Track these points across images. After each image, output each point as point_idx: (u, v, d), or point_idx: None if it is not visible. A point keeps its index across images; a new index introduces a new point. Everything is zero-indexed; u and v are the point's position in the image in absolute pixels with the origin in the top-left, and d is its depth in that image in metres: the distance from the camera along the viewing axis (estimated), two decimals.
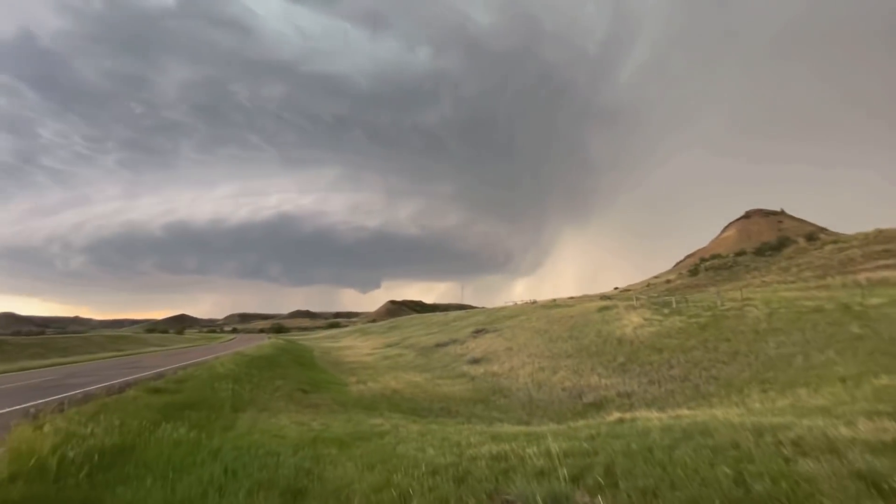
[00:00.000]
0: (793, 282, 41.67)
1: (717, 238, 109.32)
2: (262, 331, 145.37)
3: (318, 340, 75.25)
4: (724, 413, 7.42)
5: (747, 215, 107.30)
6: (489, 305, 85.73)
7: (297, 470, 5.17)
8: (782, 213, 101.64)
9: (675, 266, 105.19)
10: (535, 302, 59.38)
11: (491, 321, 43.28)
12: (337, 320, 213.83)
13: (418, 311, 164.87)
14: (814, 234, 67.38)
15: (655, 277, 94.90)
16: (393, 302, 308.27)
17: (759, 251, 69.38)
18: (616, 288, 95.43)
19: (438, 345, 37.20)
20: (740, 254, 73.78)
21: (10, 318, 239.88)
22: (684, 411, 9.16)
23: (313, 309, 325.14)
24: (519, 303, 63.33)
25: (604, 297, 57.45)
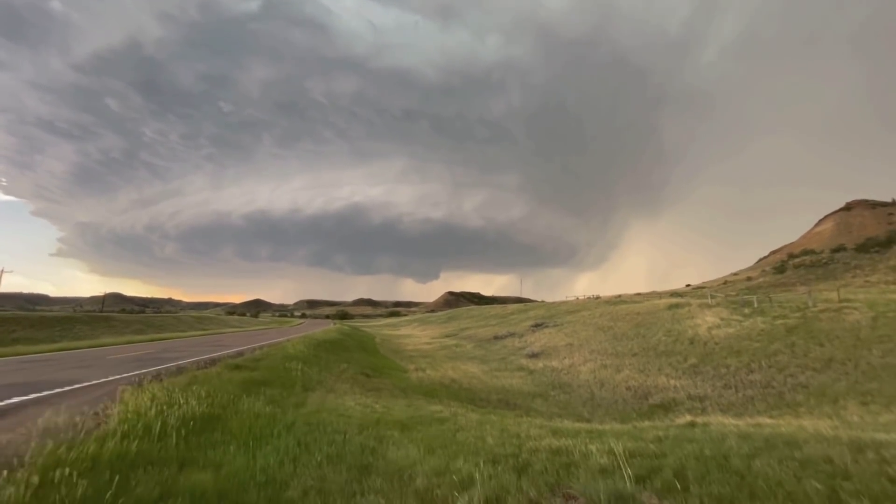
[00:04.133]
0: None
1: (809, 233, 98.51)
2: (327, 316, 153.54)
3: (380, 328, 78.08)
4: (813, 424, 6.74)
5: (848, 207, 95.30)
6: (549, 300, 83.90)
7: (362, 448, 5.44)
8: (894, 203, 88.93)
9: (757, 263, 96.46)
10: (598, 297, 57.15)
11: (551, 315, 42.38)
12: (397, 309, 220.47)
13: (476, 303, 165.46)
14: None
15: (734, 275, 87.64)
16: (451, 293, 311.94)
17: (863, 247, 61.57)
18: (688, 285, 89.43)
19: (496, 337, 37.11)
20: (838, 250, 65.95)
21: (118, 298, 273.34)
22: (765, 419, 8.44)
23: (375, 297, 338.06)
24: (581, 298, 61.34)
25: (674, 294, 54.04)
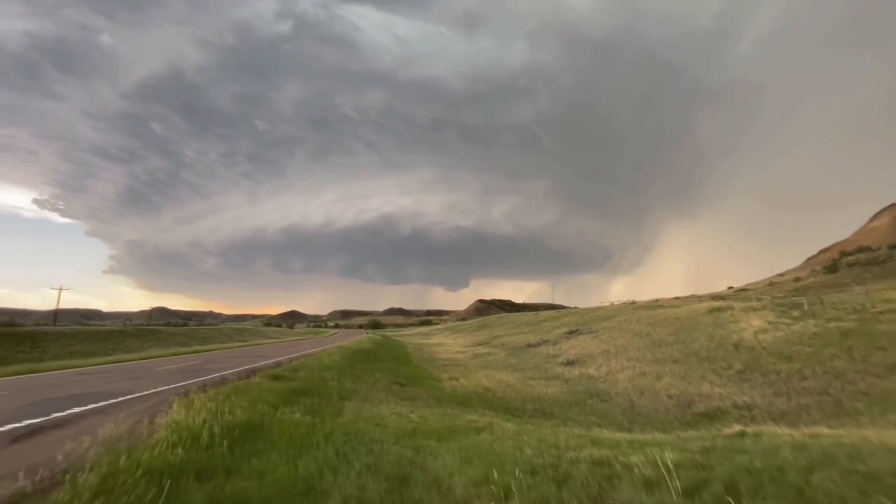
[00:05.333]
0: None
1: (863, 228, 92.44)
2: (360, 326, 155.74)
3: (411, 337, 78.46)
4: (878, 435, 6.26)
5: None
6: (582, 306, 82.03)
7: (399, 458, 5.46)
8: None
9: (805, 262, 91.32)
10: (633, 302, 55.52)
11: (585, 322, 41.44)
12: (428, 318, 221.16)
13: (507, 311, 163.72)
14: None
15: (780, 275, 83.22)
16: (482, 300, 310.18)
17: None
18: (730, 287, 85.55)
19: (529, 345, 36.58)
20: None
21: (163, 312, 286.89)
22: (823, 429, 7.91)
23: (406, 307, 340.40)
24: (616, 303, 59.71)
25: (715, 297, 51.77)
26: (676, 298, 61.98)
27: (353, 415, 8.64)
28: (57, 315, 67.68)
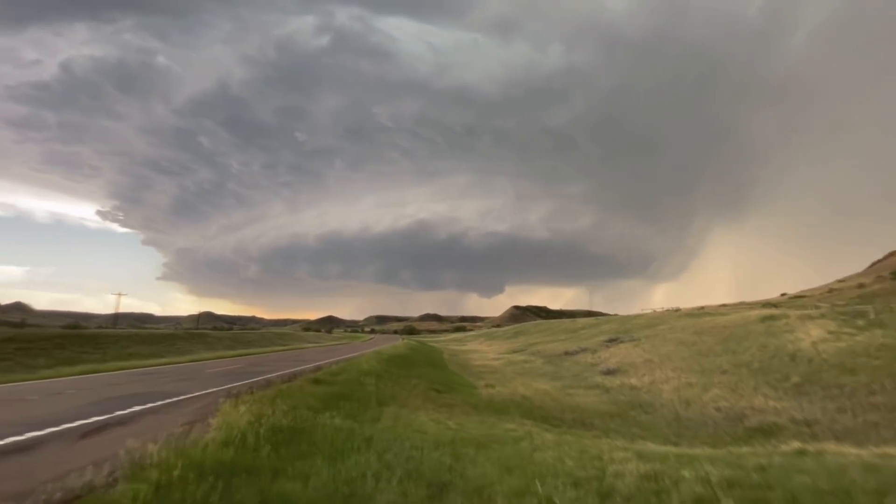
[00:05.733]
0: None
1: None
2: (395, 332, 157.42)
3: (446, 343, 78.53)
4: None
5: None
6: (622, 313, 79.38)
7: (439, 465, 5.47)
8: None
9: (870, 267, 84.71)
10: (677, 309, 53.24)
11: (625, 330, 40.12)
12: (462, 324, 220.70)
13: (543, 317, 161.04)
14: None
15: (840, 281, 77.50)
16: (517, 307, 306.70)
17: None
18: (784, 294, 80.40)
19: (567, 353, 35.79)
20: None
21: (210, 317, 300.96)
22: (894, 450, 7.26)
23: (441, 313, 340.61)
24: (658, 310, 57.47)
25: (767, 304, 48.83)
26: (724, 305, 58.95)
27: (391, 420, 8.73)
28: (117, 319, 72.48)
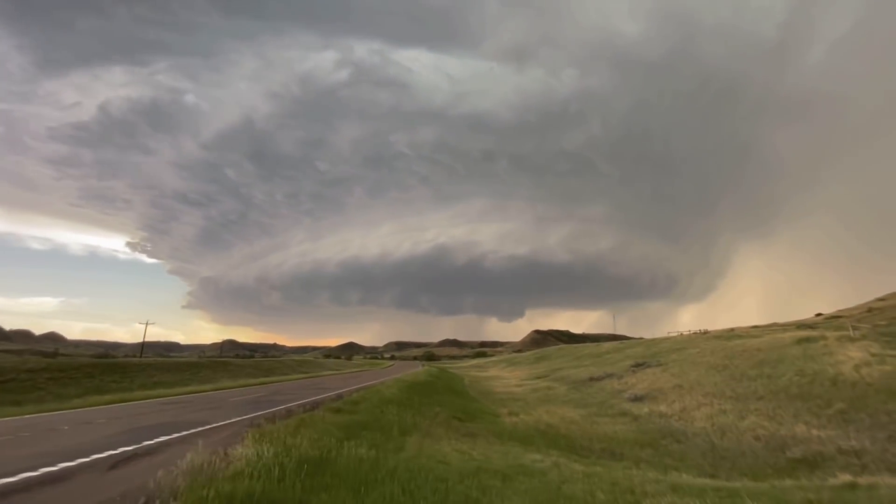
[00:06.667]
0: None
1: None
2: (415, 358, 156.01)
3: (467, 369, 77.30)
4: None
5: None
6: (647, 336, 76.99)
7: (466, 498, 5.32)
8: None
9: None
10: (706, 332, 51.36)
11: (652, 354, 38.84)
12: (483, 349, 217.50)
13: (565, 342, 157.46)
14: None
15: (881, 300, 73.82)
16: (538, 331, 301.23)
17: None
18: (819, 314, 76.94)
19: (592, 378, 34.74)
20: None
21: (233, 344, 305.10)
22: None
23: (460, 338, 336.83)
24: (686, 333, 55.59)
25: (802, 325, 46.75)
26: (755, 327, 56.63)
27: (414, 450, 8.58)
28: (143, 347, 74.08)
